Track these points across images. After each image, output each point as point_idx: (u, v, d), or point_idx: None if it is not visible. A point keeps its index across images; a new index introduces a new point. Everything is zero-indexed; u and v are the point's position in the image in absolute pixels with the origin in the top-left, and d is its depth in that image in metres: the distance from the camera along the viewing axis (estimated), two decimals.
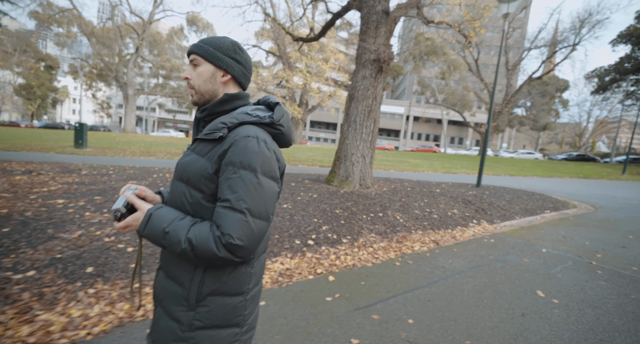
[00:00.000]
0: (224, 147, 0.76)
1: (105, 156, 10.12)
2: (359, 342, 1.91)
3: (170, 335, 0.79)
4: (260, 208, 0.74)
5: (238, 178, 0.72)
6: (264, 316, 2.14)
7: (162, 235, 0.74)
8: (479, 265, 3.28)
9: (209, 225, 0.73)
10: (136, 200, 0.81)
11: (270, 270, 2.86)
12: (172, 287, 0.81)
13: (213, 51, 0.83)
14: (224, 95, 0.84)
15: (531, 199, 7.02)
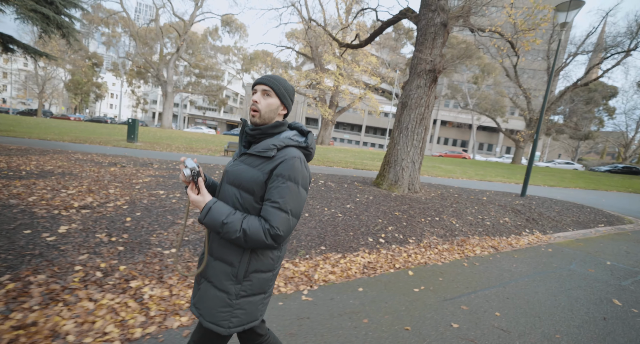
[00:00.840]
0: (274, 162, 0.99)
1: (155, 150, 10.91)
2: (459, 326, 2.22)
3: (219, 303, 1.03)
4: (298, 210, 1.00)
5: (286, 187, 0.97)
6: (368, 300, 2.51)
7: (220, 225, 0.95)
8: (544, 272, 3.47)
9: (258, 219, 0.97)
10: (203, 185, 1.02)
11: (354, 263, 3.23)
12: (221, 267, 1.03)
13: (283, 91, 1.07)
14: (276, 122, 1.08)
15: (582, 212, 6.94)
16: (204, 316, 1.04)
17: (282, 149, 1.02)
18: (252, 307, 1.06)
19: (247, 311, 1.05)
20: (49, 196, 3.56)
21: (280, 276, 2.76)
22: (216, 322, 1.02)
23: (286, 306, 2.32)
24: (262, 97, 1.05)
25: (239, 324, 1.04)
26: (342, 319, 2.21)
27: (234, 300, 1.02)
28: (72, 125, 22.04)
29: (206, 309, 1.04)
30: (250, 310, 1.06)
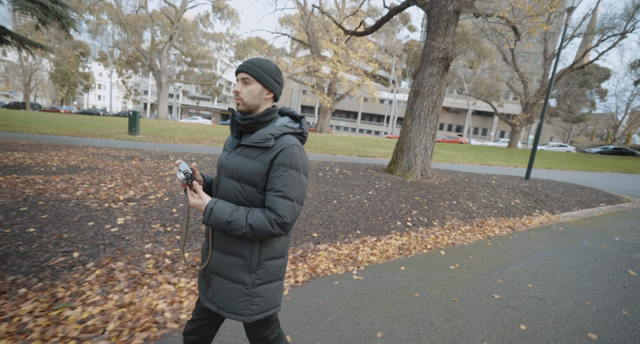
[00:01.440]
0: (274, 152, 0.98)
1: (158, 142, 10.83)
2: (500, 297, 2.49)
3: (237, 294, 1.03)
4: (301, 197, 1.00)
5: (288, 176, 0.96)
6: (412, 277, 2.75)
7: (225, 224, 0.95)
8: (561, 248, 3.77)
9: (262, 211, 0.97)
10: (199, 187, 1.01)
11: (390, 245, 3.47)
12: (232, 260, 1.03)
13: (263, 74, 1.01)
14: (267, 109, 1.05)
15: (584, 192, 7.30)
16: (224, 309, 1.05)
17: (279, 137, 1.00)
18: (270, 294, 1.08)
19: (266, 298, 1.07)
20: (92, 190, 3.68)
21: (328, 258, 2.98)
22: (236, 312, 1.04)
23: (342, 285, 2.55)
24: (242, 85, 1.02)
25: (260, 312, 1.06)
26: (396, 294, 2.45)
27: (251, 289, 1.04)
28: (65, 118, 21.59)
29: (224, 301, 1.04)
30: (268, 297, 1.07)
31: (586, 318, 2.24)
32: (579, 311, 2.33)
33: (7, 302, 1.85)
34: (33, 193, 3.36)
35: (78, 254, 2.39)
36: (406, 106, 6.98)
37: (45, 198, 3.25)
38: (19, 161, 4.96)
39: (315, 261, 2.90)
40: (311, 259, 2.93)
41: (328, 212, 3.99)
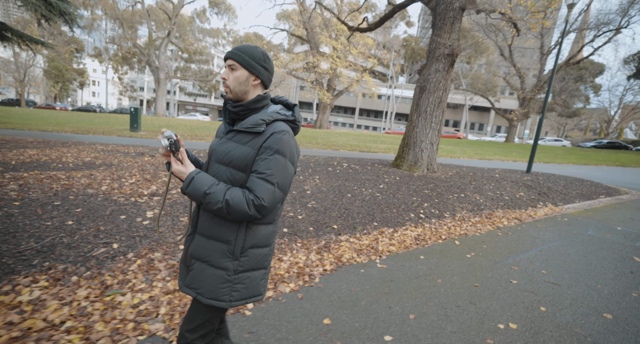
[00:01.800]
0: (264, 137, 0.97)
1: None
2: (517, 282, 2.64)
3: (218, 280, 1.02)
4: (284, 184, 0.99)
5: (273, 159, 0.95)
6: (432, 265, 2.89)
7: (202, 195, 0.94)
8: (568, 237, 3.94)
9: (242, 191, 0.95)
10: (185, 156, 1.02)
11: (406, 236, 3.60)
12: (216, 246, 1.02)
13: (249, 60, 1.00)
14: (257, 96, 1.05)
15: (583, 185, 7.51)
16: (204, 294, 1.03)
17: (270, 123, 1.00)
18: (253, 282, 1.07)
19: (248, 286, 1.06)
20: (116, 185, 3.76)
21: (350, 248, 3.11)
22: (217, 298, 1.03)
23: (368, 273, 2.68)
24: (229, 71, 1.02)
25: (241, 298, 1.05)
26: (420, 281, 2.59)
27: (233, 275, 1.03)
28: (63, 115, 21.38)
29: (205, 287, 1.03)
30: (250, 285, 1.07)
31: (600, 300, 2.40)
32: (592, 294, 2.49)
33: (63, 288, 1.95)
34: (60, 188, 3.43)
35: (117, 245, 2.49)
36: (412, 101, 7.08)
37: (74, 193, 3.33)
38: (35, 158, 5.00)
39: (339, 251, 3.03)
40: (335, 249, 3.06)
41: (344, 205, 4.11)
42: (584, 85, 35.57)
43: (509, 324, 2.04)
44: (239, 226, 1.01)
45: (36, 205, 2.89)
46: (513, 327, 2.01)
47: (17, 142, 6.66)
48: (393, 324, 1.98)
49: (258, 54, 1.02)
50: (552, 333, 1.97)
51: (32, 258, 2.18)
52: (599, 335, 1.97)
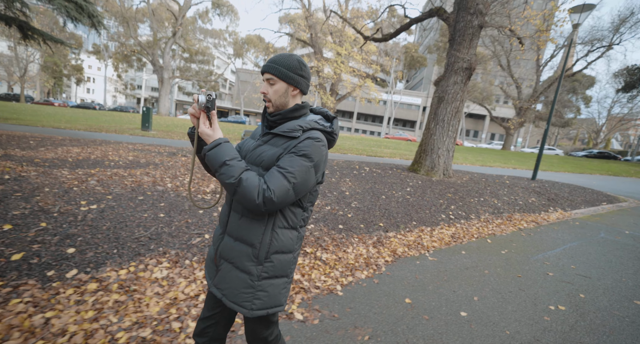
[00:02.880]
0: (297, 141, 0.98)
1: (173, 139, 11.01)
2: (553, 274, 3.04)
3: (242, 284, 1.02)
4: (301, 187, 0.96)
5: (298, 160, 0.94)
6: (474, 259, 3.27)
7: (221, 164, 0.93)
8: (583, 239, 4.39)
9: (259, 178, 0.94)
10: (215, 118, 0.99)
11: (444, 234, 3.99)
12: (242, 248, 1.02)
13: (286, 71, 1.01)
14: (295, 105, 1.06)
15: (586, 192, 8.05)
16: (227, 296, 1.04)
17: (307, 131, 1.01)
18: (275, 290, 1.06)
19: (270, 294, 1.05)
20: (177, 183, 4.05)
21: (400, 243, 3.47)
22: (239, 303, 1.02)
23: (423, 264, 3.05)
24: (268, 85, 1.04)
25: (263, 307, 1.04)
26: (470, 271, 2.97)
27: (256, 281, 1.02)
28: (66, 112, 21.28)
29: (229, 289, 1.04)
30: (273, 293, 1.05)
31: (627, 290, 2.82)
32: (620, 286, 2.91)
33: (182, 269, 2.27)
34: (133, 184, 3.72)
35: (209, 236, 2.81)
36: (429, 110, 7.53)
37: (146, 189, 3.62)
38: (83, 156, 5.25)
39: (392, 245, 3.39)
40: (387, 244, 3.42)
41: (383, 205, 4.48)
42: (575, 96, 36.94)
43: (558, 306, 2.43)
44: (265, 229, 1.01)
45: (125, 199, 3.18)
46: (562, 309, 2.40)
47: (50, 139, 6.86)
48: (463, 303, 2.36)
49: (294, 63, 1.03)
50: (595, 314, 2.37)
51: (148, 243, 2.49)
52: (635, 317, 2.37)
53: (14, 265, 2.02)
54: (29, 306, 1.75)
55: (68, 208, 2.79)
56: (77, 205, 2.87)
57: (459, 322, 2.12)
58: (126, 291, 2.00)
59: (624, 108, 46.32)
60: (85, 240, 2.39)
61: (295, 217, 1.05)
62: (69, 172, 3.92)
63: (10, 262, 2.03)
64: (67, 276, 2.03)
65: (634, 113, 45.80)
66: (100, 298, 1.90)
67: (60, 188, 3.24)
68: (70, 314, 1.74)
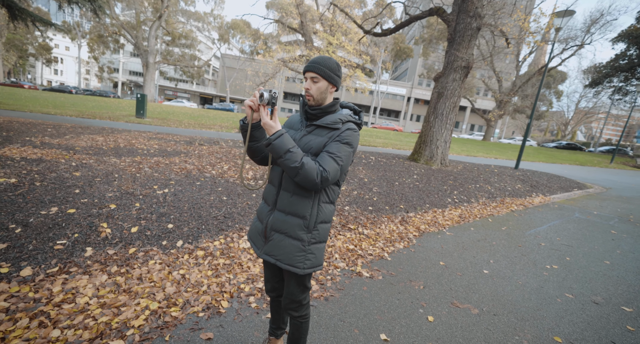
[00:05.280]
0: (339, 131, 1.19)
1: (170, 127, 10.92)
2: (544, 245, 3.79)
3: (295, 249, 1.24)
4: (345, 168, 1.20)
5: (343, 147, 1.17)
6: (482, 234, 3.96)
7: (285, 151, 1.09)
8: (563, 218, 5.23)
9: (315, 162, 1.14)
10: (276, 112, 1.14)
11: (453, 215, 4.67)
12: (294, 220, 1.23)
13: (328, 72, 1.19)
14: (333, 102, 1.26)
15: (560, 180, 9.11)
16: (282, 260, 1.24)
17: (345, 123, 1.22)
18: (319, 253, 1.28)
19: (316, 256, 1.27)
20: (220, 171, 4.43)
21: (421, 221, 4.10)
22: (293, 264, 1.23)
23: (443, 238, 3.69)
24: (311, 83, 1.20)
25: (312, 266, 1.26)
26: (481, 243, 3.65)
27: (307, 246, 1.24)
28: (45, 96, 20.21)
29: (283, 255, 1.24)
30: (318, 255, 1.28)
31: (599, 254, 3.61)
32: (593, 251, 3.70)
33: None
34: (182, 171, 4.07)
35: None
36: (429, 105, 8.15)
37: (195, 175, 3.99)
38: (112, 144, 5.44)
39: (415, 223, 4.01)
40: (410, 222, 4.03)
41: (399, 191, 5.09)
42: (549, 90, 39.25)
43: (552, 265, 3.15)
44: (313, 204, 1.22)
45: (186, 184, 3.56)
46: (555, 267, 3.12)
47: (63, 127, 6.87)
48: (483, 265, 3.01)
49: (333, 65, 1.21)
50: (578, 270, 3.10)
51: (225, 221, 2.94)
52: (605, 271, 3.13)
53: (135, 236, 2.42)
54: (164, 265, 2.19)
55: (146, 191, 3.15)
56: (152, 189, 3.23)
57: (484, 276, 2.76)
58: (228, 257, 2.46)
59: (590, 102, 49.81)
60: (176, 217, 2.79)
61: (333, 193, 1.28)
62: (118, 160, 4.19)
63: (132, 233, 2.43)
64: (177, 245, 2.46)
65: (598, 107, 49.48)
66: (211, 261, 2.36)
67: (124, 174, 3.56)
68: (196, 272, 2.20)
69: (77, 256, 2.11)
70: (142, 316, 1.69)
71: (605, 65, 28.44)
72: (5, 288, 1.71)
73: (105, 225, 2.47)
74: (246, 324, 1.79)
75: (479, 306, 2.28)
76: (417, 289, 2.43)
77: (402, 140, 18.85)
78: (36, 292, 1.73)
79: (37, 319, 1.53)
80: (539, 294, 2.53)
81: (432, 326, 1.99)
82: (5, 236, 2.11)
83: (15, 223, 2.26)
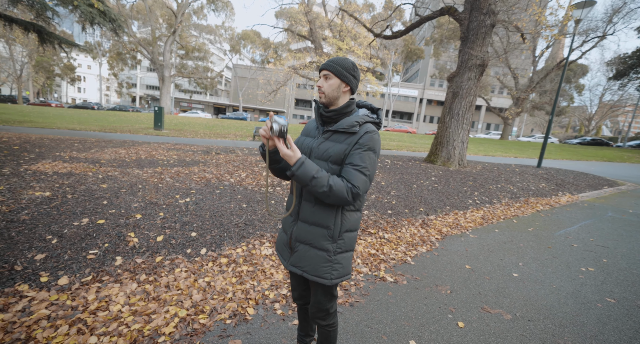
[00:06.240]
0: (358, 136, 1.14)
1: (187, 137, 11.19)
2: (577, 246, 3.59)
3: (320, 260, 1.20)
4: (373, 175, 1.15)
5: (366, 155, 1.12)
6: (507, 236, 3.81)
7: (310, 178, 1.07)
8: (594, 217, 4.96)
9: (341, 179, 1.10)
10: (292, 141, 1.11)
11: (475, 216, 4.52)
12: (318, 230, 1.19)
13: (341, 70, 1.17)
14: (348, 102, 1.21)
15: (588, 178, 8.67)
16: (308, 272, 1.21)
17: (362, 124, 1.17)
18: (346, 262, 1.25)
19: (343, 265, 1.24)
20: (237, 179, 4.50)
21: (442, 224, 3.99)
22: (320, 275, 1.20)
23: (467, 240, 3.57)
24: (324, 80, 1.19)
25: (339, 276, 1.23)
26: (508, 245, 3.50)
27: (333, 256, 1.21)
28: (71, 113, 21.33)
29: (309, 266, 1.21)
30: (345, 265, 1.24)
31: (639, 256, 3.39)
32: (633, 253, 3.48)
33: None
34: (201, 180, 4.16)
35: None
36: (444, 105, 8.01)
37: (214, 183, 4.07)
38: (134, 156, 5.65)
39: (436, 226, 3.91)
40: (431, 225, 3.94)
41: (417, 193, 5.00)
42: (569, 85, 37.77)
43: (587, 268, 2.98)
44: (336, 213, 1.18)
45: (206, 193, 3.63)
46: (591, 270, 2.95)
47: (88, 142, 7.21)
48: (512, 268, 2.89)
49: (348, 64, 1.19)
50: (618, 273, 2.92)
51: (246, 228, 2.97)
52: None
53: (161, 244, 2.48)
54: (190, 273, 2.23)
55: (169, 201, 3.24)
56: (174, 199, 3.32)
57: (514, 280, 2.65)
58: (251, 264, 2.48)
59: (615, 95, 47.47)
60: (199, 226, 2.85)
61: (359, 201, 1.24)
62: (140, 171, 4.34)
63: (158, 242, 2.49)
64: (201, 253, 2.51)
65: (624, 100, 47.01)
66: (235, 269, 2.38)
67: (148, 184, 3.68)
68: (221, 280, 2.22)
69: (108, 265, 2.19)
70: (172, 324, 1.72)
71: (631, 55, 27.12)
72: (45, 296, 1.78)
73: (132, 235, 2.55)
74: (273, 331, 1.79)
75: (512, 311, 2.18)
76: (444, 294, 2.35)
77: (416, 142, 18.58)
78: (73, 300, 1.79)
79: (76, 326, 1.58)
80: (576, 298, 2.39)
81: (463, 332, 1.92)
82: (43, 247, 2.22)
83: (52, 234, 2.37)
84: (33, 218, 2.56)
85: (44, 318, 1.63)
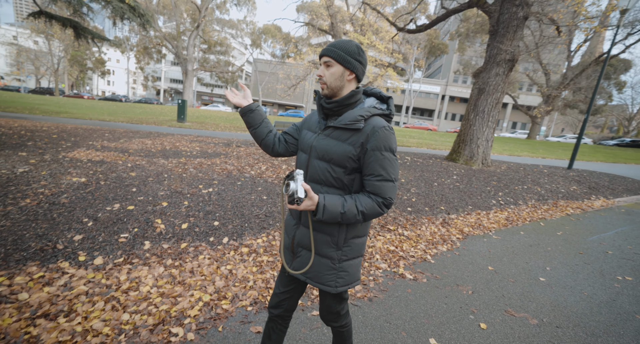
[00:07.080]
0: (364, 134, 0.99)
1: (208, 130, 11.40)
2: (612, 253, 3.39)
3: (324, 267, 1.10)
4: (397, 175, 1.04)
5: (384, 159, 0.99)
6: (533, 238, 3.64)
7: (339, 216, 0.98)
8: (633, 224, 4.65)
9: (368, 195, 1.01)
10: (309, 188, 0.98)
11: (499, 217, 4.36)
12: (323, 237, 1.09)
13: (344, 55, 1.01)
14: (351, 92, 1.05)
15: (626, 181, 8.12)
16: (312, 279, 1.13)
17: (368, 119, 1.01)
18: (353, 269, 1.14)
19: (350, 273, 1.13)
20: (258, 171, 4.58)
21: (464, 224, 3.88)
22: (324, 283, 1.11)
23: (489, 241, 3.45)
24: (325, 68, 1.04)
25: (345, 284, 1.13)
26: (534, 248, 3.36)
27: (337, 264, 1.11)
28: (101, 105, 22.40)
29: (313, 273, 1.12)
30: (352, 272, 1.14)
31: None
32: None
33: None
34: (223, 171, 4.27)
35: None
36: (468, 101, 7.72)
37: (236, 175, 4.16)
38: (160, 147, 5.86)
39: (458, 225, 3.80)
40: (452, 224, 3.84)
41: (438, 191, 4.87)
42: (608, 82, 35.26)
43: (625, 277, 2.80)
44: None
45: (228, 184, 3.72)
46: (629, 279, 2.77)
47: (117, 132, 7.55)
48: (538, 272, 2.77)
49: (352, 48, 1.03)
50: None
51: (267, 219, 3.02)
52: None
53: (185, 231, 2.58)
54: (212, 260, 2.30)
55: (193, 190, 3.35)
56: (198, 188, 3.43)
57: (541, 284, 2.54)
58: (271, 254, 2.52)
59: None
60: (221, 215, 2.93)
61: None
62: (166, 161, 4.51)
63: (183, 230, 2.59)
64: (223, 242, 2.58)
65: None
66: (256, 258, 2.43)
67: (173, 174, 3.82)
68: (242, 268, 2.28)
69: (138, 248, 2.30)
70: (196, 307, 1.78)
71: None
72: (83, 274, 1.91)
73: (159, 221, 2.66)
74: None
75: (538, 316, 2.10)
76: (465, 294, 2.29)
77: (437, 140, 18.08)
78: (107, 279, 1.91)
79: (110, 303, 1.69)
80: (611, 308, 2.26)
81: (486, 334, 1.87)
82: (81, 229, 2.36)
83: (88, 217, 2.52)
84: (71, 202, 2.73)
85: (82, 293, 1.74)
